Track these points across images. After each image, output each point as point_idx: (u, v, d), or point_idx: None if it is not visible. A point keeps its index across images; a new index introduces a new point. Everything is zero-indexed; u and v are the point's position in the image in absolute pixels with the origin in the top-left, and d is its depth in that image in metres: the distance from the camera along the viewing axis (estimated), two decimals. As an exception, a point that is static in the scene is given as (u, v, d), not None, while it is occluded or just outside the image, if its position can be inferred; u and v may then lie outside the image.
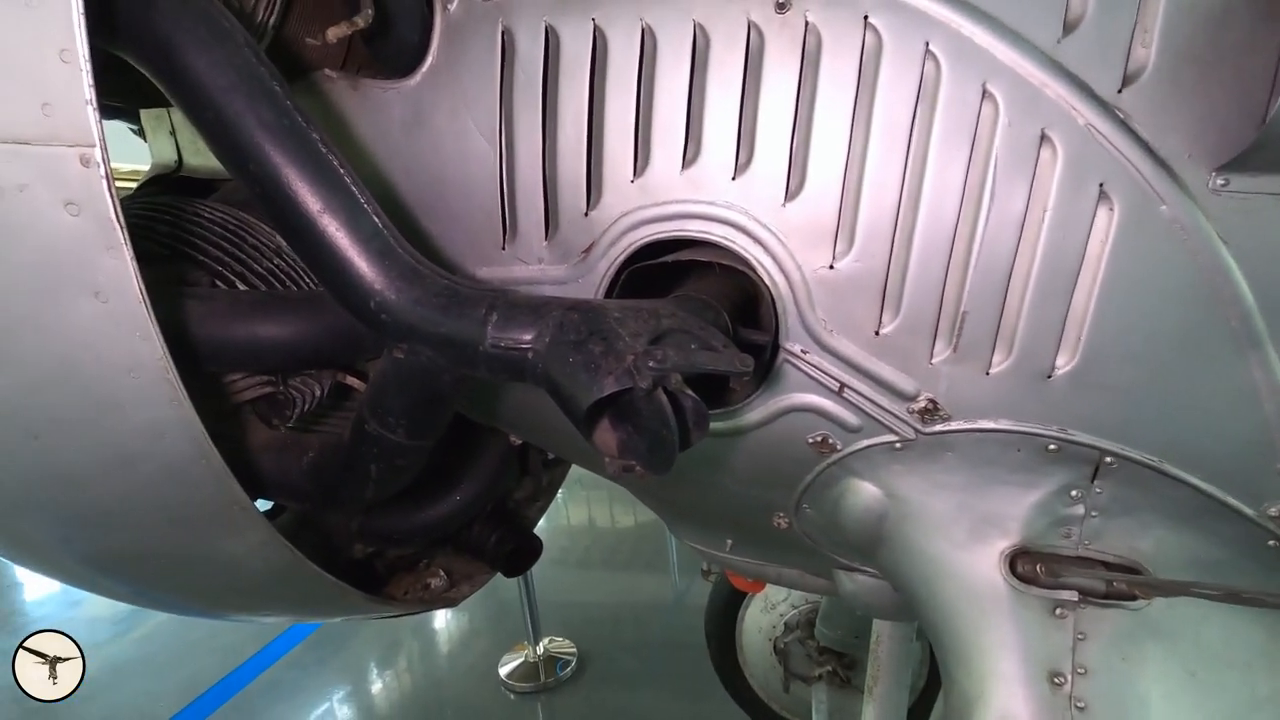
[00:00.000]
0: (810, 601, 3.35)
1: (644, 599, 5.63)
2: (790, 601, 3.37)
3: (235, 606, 1.25)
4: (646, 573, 6.07)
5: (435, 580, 1.69)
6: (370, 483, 1.04)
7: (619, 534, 6.82)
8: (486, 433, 1.56)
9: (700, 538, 1.57)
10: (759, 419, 1.09)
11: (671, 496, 1.41)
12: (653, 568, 6.07)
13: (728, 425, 1.12)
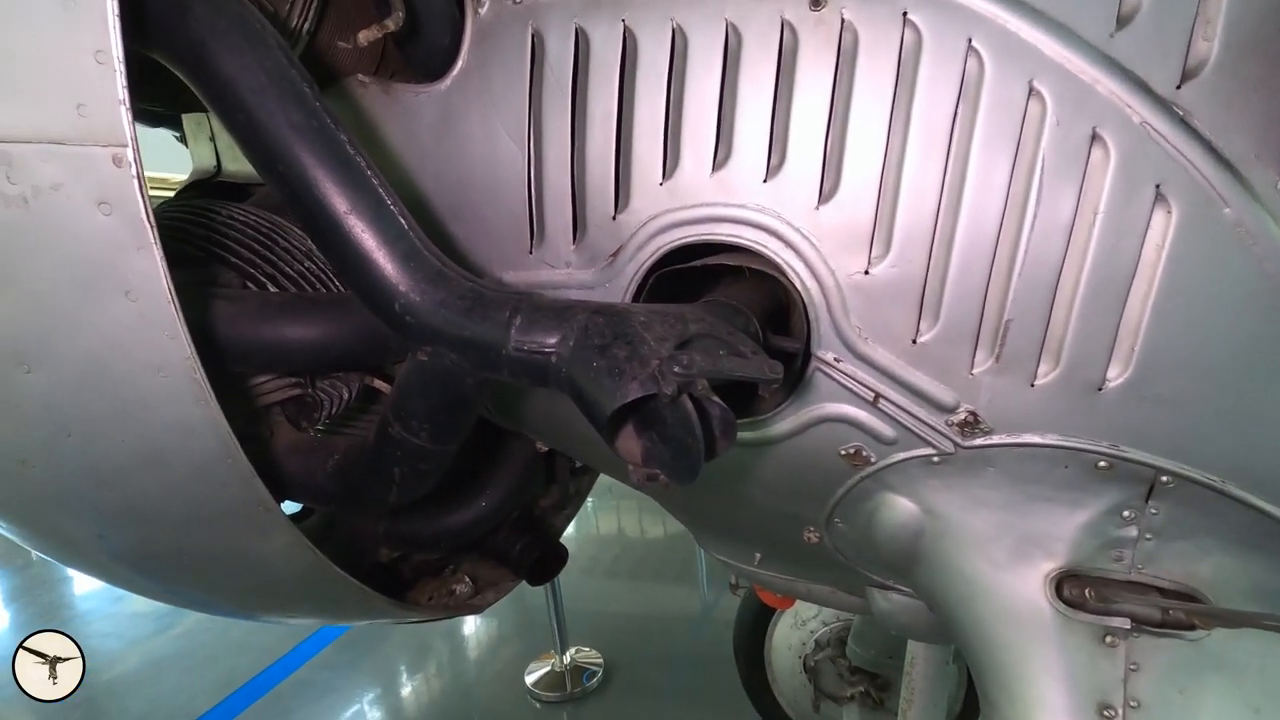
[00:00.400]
0: (842, 619, 3.26)
1: (672, 611, 5.57)
2: (821, 618, 3.29)
3: (263, 607, 1.25)
4: (675, 584, 6.01)
5: (460, 586, 1.68)
6: (394, 486, 1.03)
7: (648, 545, 6.78)
8: (512, 439, 1.54)
9: (728, 551, 1.53)
10: (789, 429, 1.06)
11: (699, 508, 1.38)
12: (681, 580, 6.01)
13: (756, 435, 1.09)
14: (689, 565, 6.12)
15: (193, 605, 1.27)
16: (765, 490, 1.19)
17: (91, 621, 5.90)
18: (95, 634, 5.66)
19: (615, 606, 5.66)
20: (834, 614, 3.30)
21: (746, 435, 1.09)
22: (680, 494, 1.36)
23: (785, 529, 1.26)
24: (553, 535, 1.71)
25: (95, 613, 6.04)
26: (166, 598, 1.22)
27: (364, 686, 4.80)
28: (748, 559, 1.51)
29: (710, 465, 0.90)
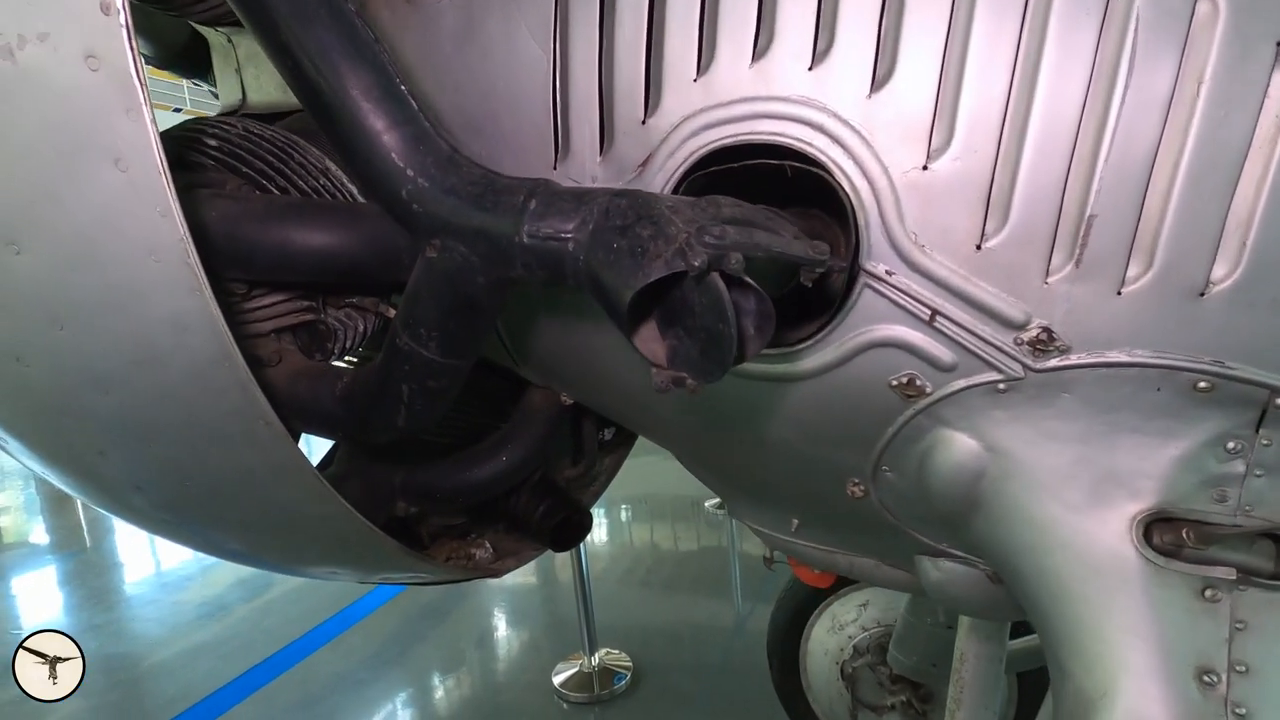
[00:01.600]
0: (883, 624, 3.08)
1: (704, 621, 5.41)
2: (860, 623, 3.11)
3: (263, 545, 1.18)
4: (708, 595, 5.84)
5: (480, 551, 1.59)
6: (402, 406, 0.95)
7: (681, 556, 6.62)
8: (536, 393, 1.46)
9: (762, 516, 1.42)
10: (831, 359, 0.95)
11: (728, 461, 1.26)
12: (715, 591, 5.84)
13: (792, 368, 0.98)
14: (723, 577, 5.96)
15: (195, 541, 1.21)
16: (803, 435, 1.08)
17: (136, 607, 6.00)
18: (139, 618, 5.76)
19: (646, 614, 5.53)
20: (874, 618, 3.12)
21: (781, 368, 0.98)
22: (709, 446, 1.25)
23: (825, 483, 1.15)
24: (576, 500, 1.61)
25: (140, 599, 6.15)
26: (166, 530, 1.16)
27: (393, 680, 4.75)
28: (783, 526, 1.38)
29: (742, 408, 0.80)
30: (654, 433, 1.35)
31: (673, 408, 1.19)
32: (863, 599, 3.14)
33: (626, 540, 7.02)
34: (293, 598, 5.73)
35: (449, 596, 5.73)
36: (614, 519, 7.36)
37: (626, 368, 1.17)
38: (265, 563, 1.26)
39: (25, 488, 9.06)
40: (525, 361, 1.29)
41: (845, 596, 3.15)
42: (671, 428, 1.26)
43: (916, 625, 2.68)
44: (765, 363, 0.99)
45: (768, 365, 1.00)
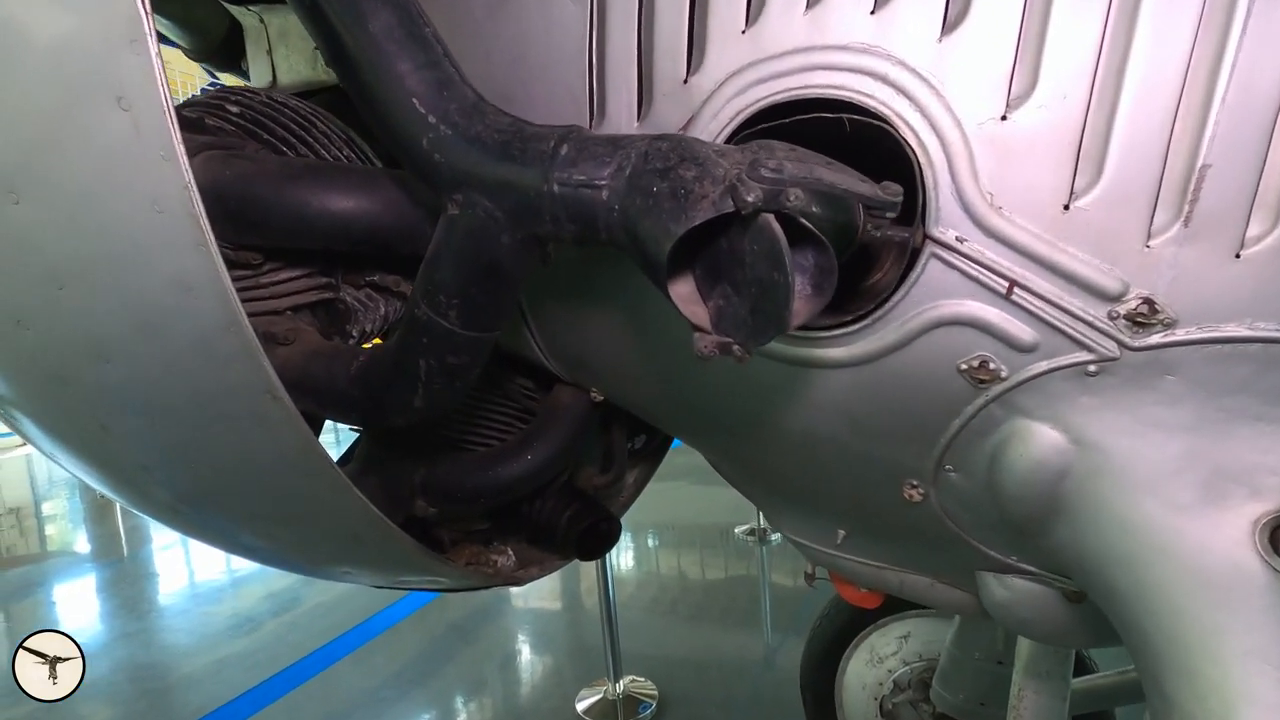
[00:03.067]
0: (925, 658, 2.88)
1: (732, 652, 5.20)
2: (901, 656, 2.92)
3: (281, 541, 1.10)
4: (737, 626, 5.63)
5: (502, 558, 1.50)
6: (419, 385, 0.87)
7: (709, 585, 6.42)
8: (565, 391, 1.38)
9: (805, 528, 1.30)
10: (891, 341, 0.84)
11: (769, 463, 1.15)
12: (744, 624, 5.64)
13: (846, 353, 0.88)
14: (753, 610, 5.75)
15: (208, 533, 1.14)
16: (855, 429, 0.97)
17: (167, 617, 6.01)
18: (168, 628, 5.76)
19: (673, 643, 5.35)
20: (916, 652, 2.92)
21: (831, 353, 0.88)
22: (747, 446, 1.14)
23: (878, 486, 1.03)
24: (603, 506, 1.51)
25: (172, 609, 6.17)
26: (177, 520, 1.09)
27: (416, 699, 4.65)
28: (828, 538, 1.26)
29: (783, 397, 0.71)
30: (687, 431, 1.25)
31: (708, 400, 1.09)
32: (904, 630, 2.95)
33: (653, 568, 6.85)
34: (320, 612, 5.69)
35: (474, 617, 5.64)
36: (641, 546, 7.20)
37: (659, 358, 1.08)
38: (277, 559, 1.18)
39: (70, 496, 9.26)
40: (552, 352, 1.21)
41: (885, 628, 2.97)
42: (705, 425, 1.16)
43: (963, 660, 2.50)
44: (813, 346, 0.90)
45: (816, 349, 0.90)
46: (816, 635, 3.12)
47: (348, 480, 0.92)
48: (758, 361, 0.96)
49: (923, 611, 2.92)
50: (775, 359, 0.93)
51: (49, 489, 9.75)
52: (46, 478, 9.96)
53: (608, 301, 1.07)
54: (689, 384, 1.08)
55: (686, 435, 1.27)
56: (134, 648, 5.37)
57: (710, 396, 1.07)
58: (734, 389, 1.03)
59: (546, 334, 1.18)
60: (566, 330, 1.15)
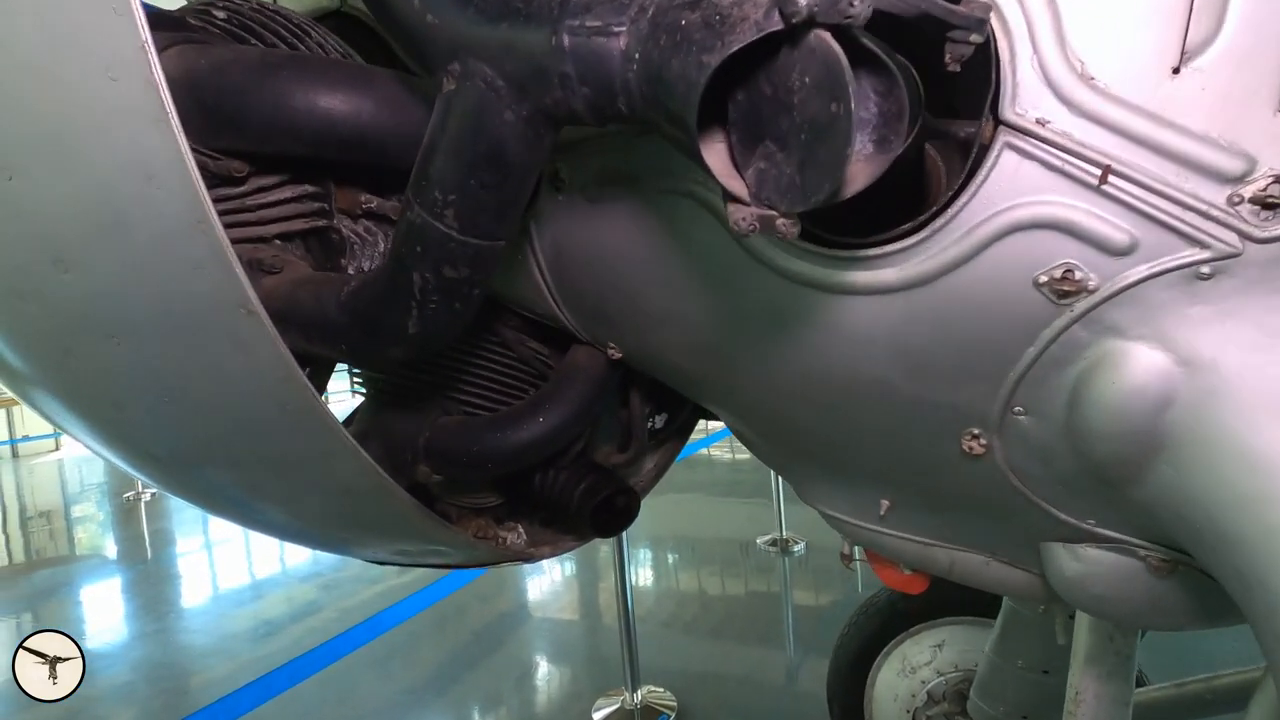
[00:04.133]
0: (961, 668, 2.69)
1: (754, 670, 5.00)
2: (935, 665, 2.73)
3: (267, 493, 0.99)
4: (758, 640, 5.43)
5: (512, 535, 1.38)
6: (413, 305, 0.76)
7: (730, 598, 6.23)
8: (580, 351, 1.26)
9: (843, 500, 1.16)
10: (954, 256, 0.72)
11: (803, 421, 1.02)
12: (766, 640, 5.44)
13: (897, 274, 0.75)
14: (775, 622, 5.56)
15: (190, 487, 1.03)
16: (908, 370, 0.84)
17: (187, 619, 5.96)
18: (187, 630, 5.70)
19: (693, 656, 5.16)
20: (952, 661, 2.73)
21: (883, 276, 0.76)
22: (777, 402, 1.01)
23: (932, 440, 0.90)
24: (621, 478, 1.38)
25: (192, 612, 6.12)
26: (157, 472, 0.99)
27: (432, 706, 4.52)
28: (869, 511, 1.13)
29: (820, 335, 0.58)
30: (710, 387, 1.12)
31: (734, 344, 0.97)
32: (938, 638, 2.76)
33: (673, 580, 6.68)
34: (339, 616, 5.60)
35: (492, 625, 5.52)
36: (660, 558, 7.03)
37: (681, 295, 0.96)
38: (265, 520, 1.07)
39: (100, 500, 9.33)
40: (566, 299, 1.10)
41: (917, 635, 2.79)
42: (730, 376, 1.03)
43: (1004, 668, 2.31)
44: (858, 268, 0.77)
45: (861, 272, 0.77)
46: (844, 644, 2.94)
47: (334, 418, 0.81)
48: (791, 291, 0.83)
49: (958, 618, 2.73)
50: (812, 285, 0.81)
51: (79, 493, 9.83)
52: (77, 482, 10.06)
53: (626, 236, 0.96)
54: (713, 326, 0.96)
55: (710, 392, 1.15)
56: (151, 648, 5.32)
57: (736, 338, 0.95)
58: (763, 328, 0.91)
59: (560, 278, 1.07)
60: (582, 272, 1.04)
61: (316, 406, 0.79)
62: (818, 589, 6.00)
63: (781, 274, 0.83)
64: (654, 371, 1.21)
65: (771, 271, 0.83)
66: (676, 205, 0.88)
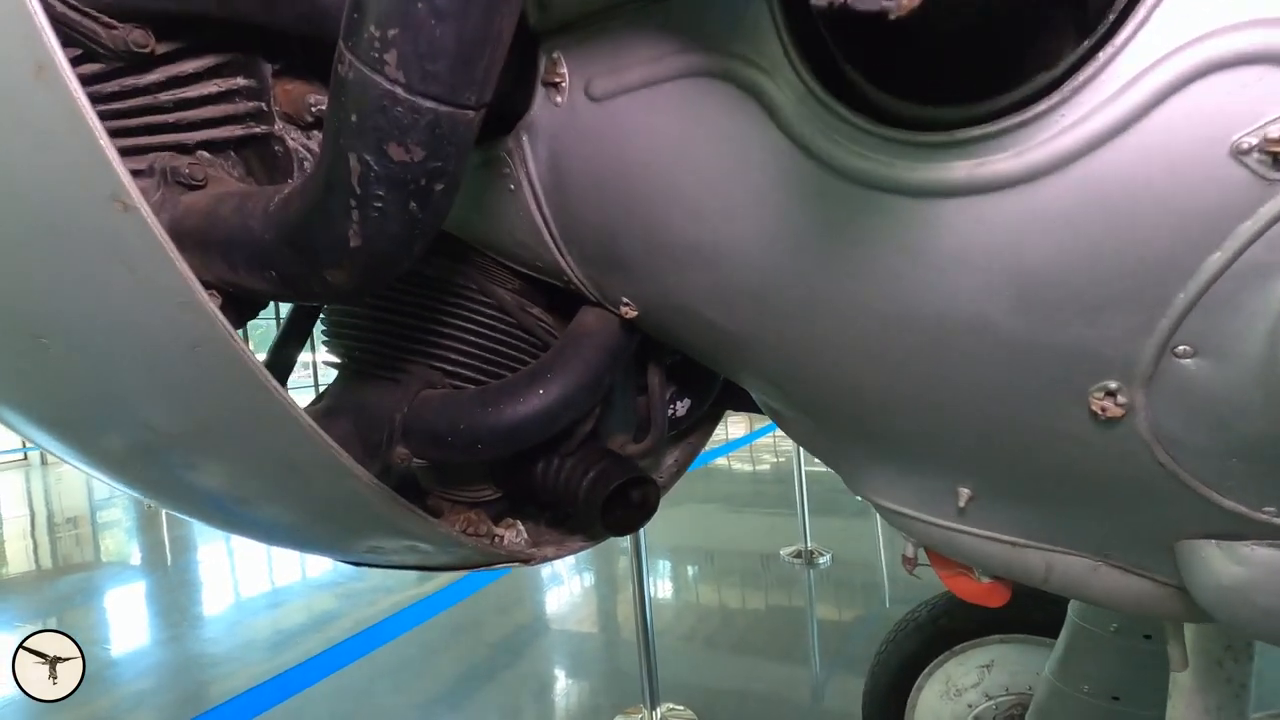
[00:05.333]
0: (1013, 691, 2.42)
1: (777, 687, 4.72)
2: (983, 688, 2.45)
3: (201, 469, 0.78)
4: (782, 656, 5.14)
5: (510, 533, 1.16)
6: (353, 206, 0.55)
7: (752, 612, 5.94)
8: (589, 314, 1.05)
9: (908, 488, 0.93)
10: (1108, 122, 0.50)
11: (866, 382, 0.79)
12: (789, 651, 5.15)
13: (1019, 164, 0.53)
14: (799, 637, 5.27)
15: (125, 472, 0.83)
16: (1023, 301, 0.61)
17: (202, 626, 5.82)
18: (201, 637, 5.56)
19: (714, 672, 4.89)
20: (1002, 684, 2.45)
21: (996, 168, 0.54)
22: (836, 356, 0.79)
23: (1045, 402, 0.67)
24: (636, 465, 1.15)
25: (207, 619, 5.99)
26: (68, 445, 0.79)
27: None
28: (942, 503, 0.89)
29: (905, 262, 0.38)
30: (748, 351, 0.90)
31: (783, 286, 0.74)
32: (986, 658, 2.48)
33: (693, 593, 6.40)
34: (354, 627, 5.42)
35: (509, 639, 5.30)
36: (680, 571, 6.77)
37: (711, 227, 0.74)
38: (193, 501, 0.87)
39: (125, 507, 9.29)
40: (570, 239, 0.89)
41: (963, 655, 2.51)
42: (776, 331, 0.81)
43: (1066, 694, 2.03)
44: (961, 157, 0.55)
45: (964, 163, 0.55)
46: (881, 663, 2.67)
47: (259, 364, 0.61)
48: (859, 200, 0.62)
49: (1009, 635, 2.46)
50: (889, 189, 0.59)
51: (105, 499, 9.83)
52: (103, 488, 10.05)
53: (644, 144, 0.75)
54: (753, 259, 0.74)
55: (745, 356, 0.92)
56: (167, 654, 5.19)
57: (783, 273, 0.73)
58: (820, 255, 0.69)
59: (562, 212, 0.86)
60: (588, 201, 0.83)
61: (233, 346, 0.59)
62: (844, 602, 5.70)
63: (847, 176, 0.61)
64: (676, 336, 0.99)
65: (833, 174, 0.62)
66: (709, 94, 0.67)
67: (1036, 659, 2.37)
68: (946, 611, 2.53)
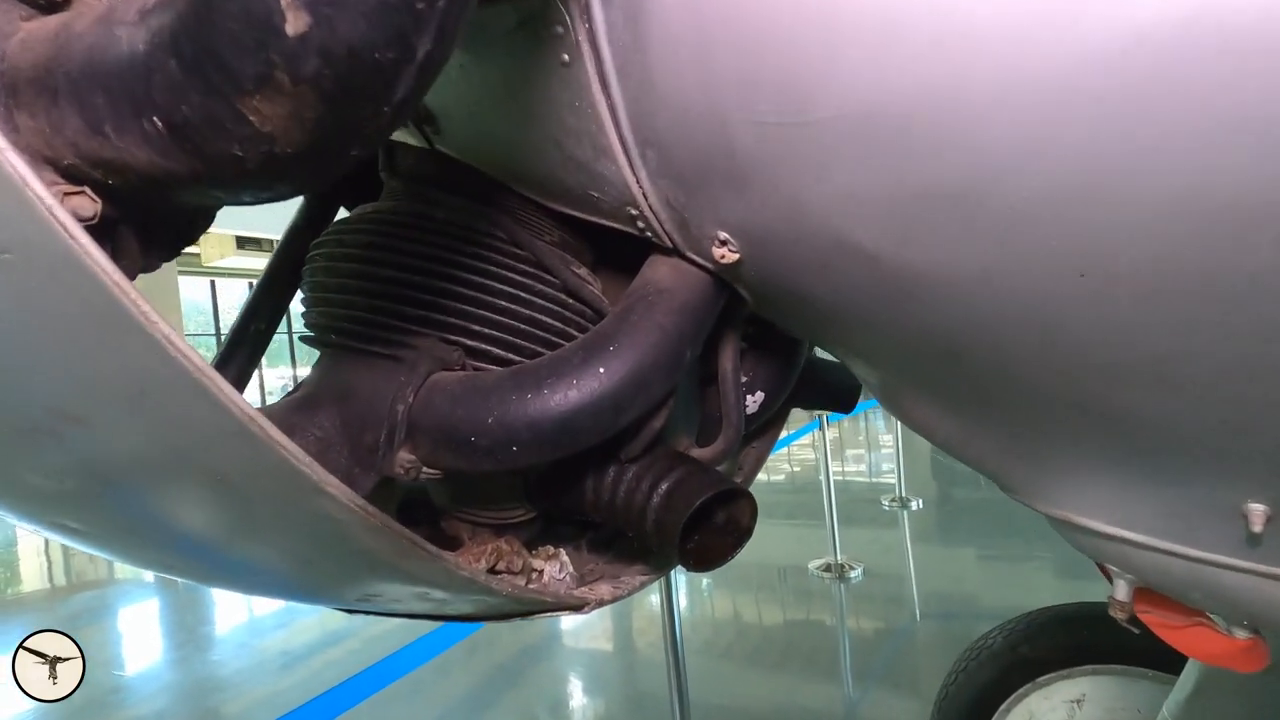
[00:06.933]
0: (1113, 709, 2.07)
1: (807, 704, 4.36)
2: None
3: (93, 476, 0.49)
4: (812, 675, 4.78)
5: (551, 565, 0.85)
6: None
7: (779, 628, 5.57)
8: (662, 265, 0.75)
9: (1149, 507, 0.61)
10: None
11: (1099, 344, 0.48)
12: (817, 673, 4.78)
13: None
14: (830, 655, 4.91)
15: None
16: None
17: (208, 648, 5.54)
18: (209, 661, 5.27)
19: (744, 698, 4.54)
20: (1105, 707, 2.11)
21: None
22: (1055, 311, 0.48)
23: None
24: (721, 475, 0.84)
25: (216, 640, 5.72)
26: None
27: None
28: (1210, 525, 0.58)
29: None
30: (923, 311, 0.58)
31: (996, 175, 0.44)
32: (1075, 691, 2.14)
33: (717, 610, 6.04)
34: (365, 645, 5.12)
35: (522, 658, 4.98)
36: (702, 585, 6.41)
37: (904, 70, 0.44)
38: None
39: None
40: (649, 142, 0.58)
41: (1048, 687, 2.17)
42: (971, 254, 0.51)
43: None
44: None
45: None
46: (951, 696, 2.33)
47: (165, 325, 0.31)
48: None
49: (1103, 666, 2.12)
50: None
51: (119, 515, 9.62)
52: (118, 504, 9.86)
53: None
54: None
55: (906, 312, 0.61)
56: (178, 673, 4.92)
57: (991, 155, 0.42)
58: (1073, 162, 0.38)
59: (642, 87, 0.56)
60: (692, 66, 0.52)
61: (99, 277, 0.29)
62: (879, 618, 5.33)
63: None
64: (790, 289, 0.69)
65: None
66: None
67: (1137, 694, 2.03)
68: (1026, 637, 2.20)
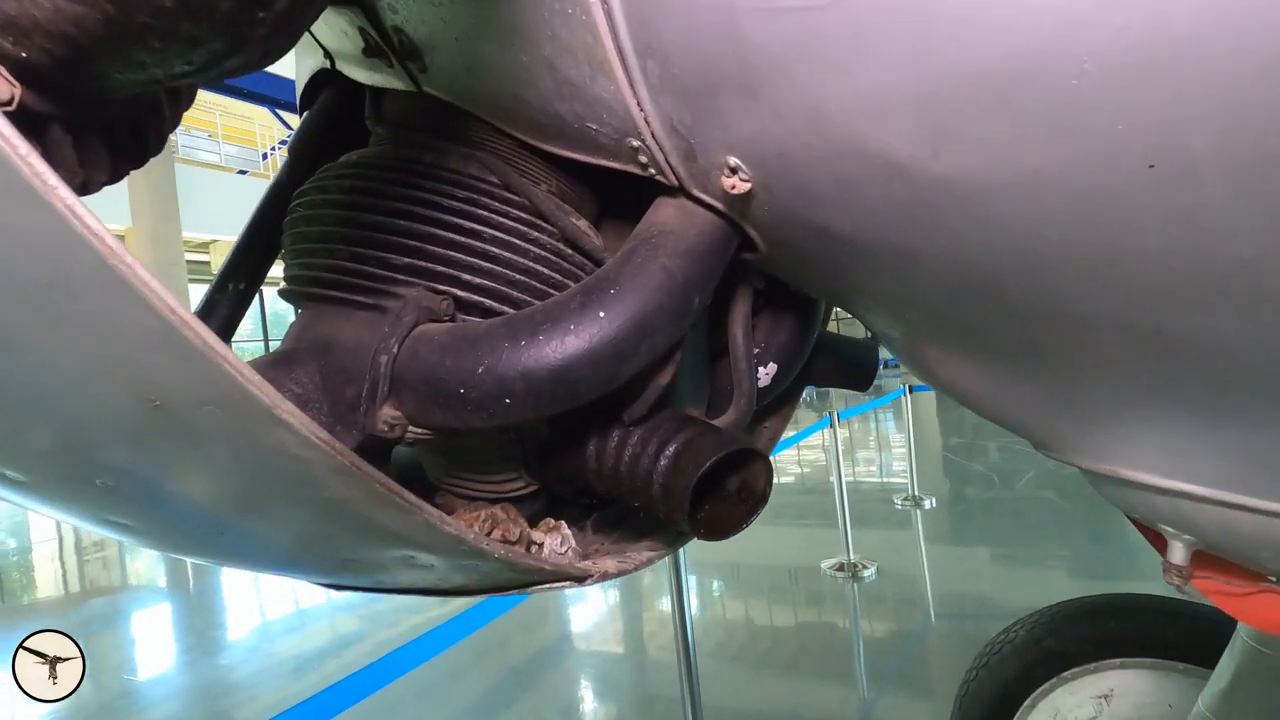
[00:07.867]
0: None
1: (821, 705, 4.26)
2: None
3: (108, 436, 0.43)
4: (826, 676, 4.67)
5: (551, 538, 0.79)
6: None
7: (792, 629, 5.47)
8: (668, 206, 0.69)
9: (1221, 457, 0.54)
10: None
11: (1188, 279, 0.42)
12: (834, 671, 4.68)
13: None
14: (845, 656, 4.80)
15: None
16: None
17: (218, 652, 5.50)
18: (218, 665, 5.23)
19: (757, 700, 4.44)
20: (1124, 717, 2.01)
21: None
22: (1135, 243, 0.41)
23: None
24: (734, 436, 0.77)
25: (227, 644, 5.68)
26: None
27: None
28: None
29: None
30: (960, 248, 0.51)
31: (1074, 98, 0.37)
32: (1103, 686, 2.05)
33: (728, 611, 5.94)
34: (374, 650, 5.06)
35: (534, 657, 4.90)
36: (713, 586, 6.31)
37: None
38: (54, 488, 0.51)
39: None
40: (651, 53, 0.52)
41: (1074, 681, 2.08)
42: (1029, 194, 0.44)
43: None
44: None
45: None
46: (972, 692, 2.24)
47: (69, 195, 0.25)
48: None
49: (1131, 659, 2.02)
50: None
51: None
52: (131, 511, 9.87)
53: None
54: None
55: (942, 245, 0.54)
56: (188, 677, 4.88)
57: None
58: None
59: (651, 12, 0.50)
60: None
61: (30, 181, 0.23)
62: (894, 619, 5.22)
63: None
64: (809, 226, 0.62)
65: None
66: None
67: (1169, 688, 1.94)
68: (1051, 630, 2.11)
